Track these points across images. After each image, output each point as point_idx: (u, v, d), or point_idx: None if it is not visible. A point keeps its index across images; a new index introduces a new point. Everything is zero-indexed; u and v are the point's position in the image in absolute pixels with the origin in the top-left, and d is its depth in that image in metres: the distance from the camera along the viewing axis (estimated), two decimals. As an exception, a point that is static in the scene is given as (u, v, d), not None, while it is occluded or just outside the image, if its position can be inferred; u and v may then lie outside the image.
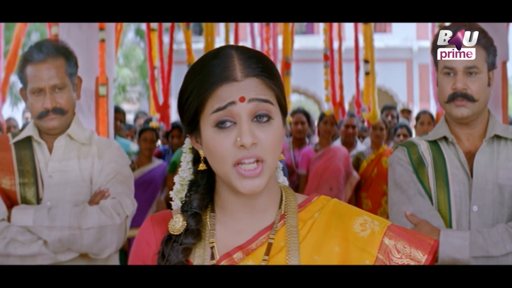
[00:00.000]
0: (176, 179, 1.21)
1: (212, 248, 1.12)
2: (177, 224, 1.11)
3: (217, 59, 1.07)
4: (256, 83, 1.06)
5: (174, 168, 5.02)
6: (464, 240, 1.89)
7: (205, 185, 1.16)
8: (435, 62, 2.04)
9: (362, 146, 5.85)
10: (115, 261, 2.32)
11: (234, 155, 1.04)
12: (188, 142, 1.18)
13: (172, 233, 1.11)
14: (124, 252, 4.79)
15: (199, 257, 1.11)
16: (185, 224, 1.11)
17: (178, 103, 1.12)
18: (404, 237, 1.10)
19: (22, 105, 12.31)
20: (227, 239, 1.12)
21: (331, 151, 5.09)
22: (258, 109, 1.05)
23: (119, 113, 5.71)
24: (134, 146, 5.54)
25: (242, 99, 1.04)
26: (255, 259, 1.09)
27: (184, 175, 1.20)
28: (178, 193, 1.21)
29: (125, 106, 15.99)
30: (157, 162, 5.13)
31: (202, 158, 1.12)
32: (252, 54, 1.09)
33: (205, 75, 1.06)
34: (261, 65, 1.07)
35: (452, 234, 1.91)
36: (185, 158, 1.20)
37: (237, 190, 1.07)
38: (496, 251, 1.86)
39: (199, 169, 1.14)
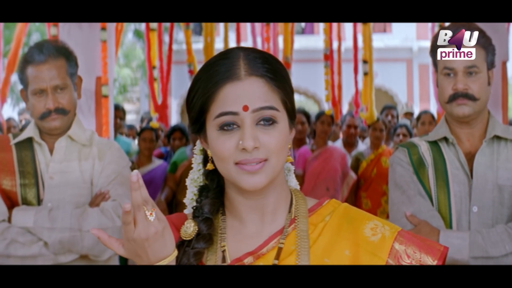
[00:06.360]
0: (188, 182, 1.22)
1: (223, 251, 1.12)
2: (189, 229, 1.12)
3: (223, 59, 1.08)
4: (259, 84, 1.06)
5: (174, 168, 5.00)
6: (463, 241, 1.89)
7: (215, 189, 1.17)
8: (435, 63, 2.04)
9: (363, 146, 5.85)
10: (115, 263, 2.31)
11: (236, 157, 1.05)
12: (199, 144, 1.18)
13: (184, 238, 1.11)
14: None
15: (210, 262, 1.11)
16: (197, 229, 1.11)
17: (186, 101, 1.13)
18: (414, 242, 1.10)
19: (23, 106, 12.28)
20: (238, 243, 1.13)
21: (327, 151, 5.05)
22: (262, 115, 1.05)
23: (119, 111, 5.69)
24: (135, 145, 5.52)
25: (245, 108, 1.04)
26: (265, 263, 1.09)
27: (195, 176, 1.21)
28: (192, 200, 1.21)
29: (125, 106, 15.98)
30: (157, 162, 5.11)
31: (210, 158, 1.13)
32: (260, 55, 1.09)
33: (211, 74, 1.07)
34: (267, 66, 1.07)
35: (452, 235, 1.91)
36: (196, 160, 1.21)
37: (241, 187, 1.07)
38: (496, 251, 1.87)
39: (207, 168, 1.15)
